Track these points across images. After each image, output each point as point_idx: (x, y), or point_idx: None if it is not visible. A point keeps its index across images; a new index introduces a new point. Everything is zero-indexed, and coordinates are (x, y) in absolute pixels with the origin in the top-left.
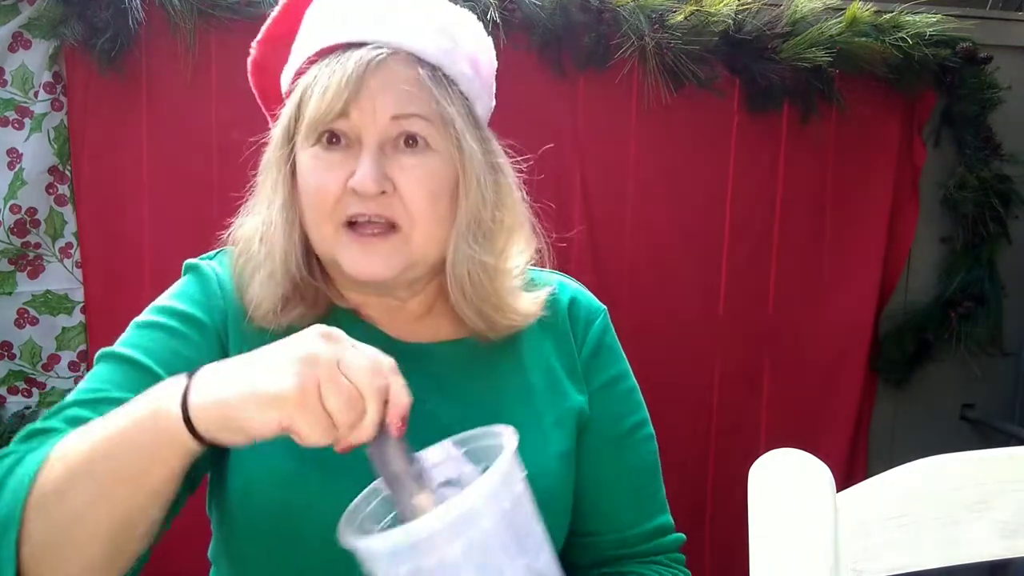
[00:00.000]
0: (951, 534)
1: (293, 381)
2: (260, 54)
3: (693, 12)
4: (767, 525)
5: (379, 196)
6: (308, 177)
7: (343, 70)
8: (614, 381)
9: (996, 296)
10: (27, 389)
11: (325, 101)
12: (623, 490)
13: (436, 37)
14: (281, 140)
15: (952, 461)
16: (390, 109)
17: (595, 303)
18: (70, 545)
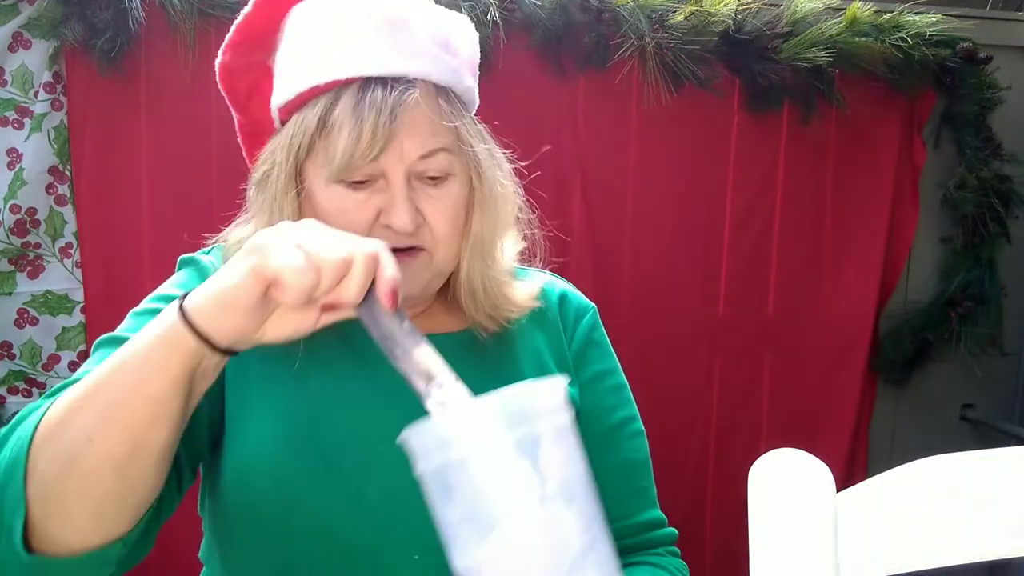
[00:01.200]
0: (951, 534)
1: (270, 234)
2: (229, 59)
3: (693, 12)
4: (767, 525)
5: (414, 231)
6: (334, 215)
7: (375, 116)
8: (603, 375)
9: (996, 296)
10: (27, 389)
11: (359, 150)
12: (612, 482)
13: (445, 57)
14: (289, 170)
15: (952, 461)
16: (417, 150)
17: (584, 300)
18: (77, 474)
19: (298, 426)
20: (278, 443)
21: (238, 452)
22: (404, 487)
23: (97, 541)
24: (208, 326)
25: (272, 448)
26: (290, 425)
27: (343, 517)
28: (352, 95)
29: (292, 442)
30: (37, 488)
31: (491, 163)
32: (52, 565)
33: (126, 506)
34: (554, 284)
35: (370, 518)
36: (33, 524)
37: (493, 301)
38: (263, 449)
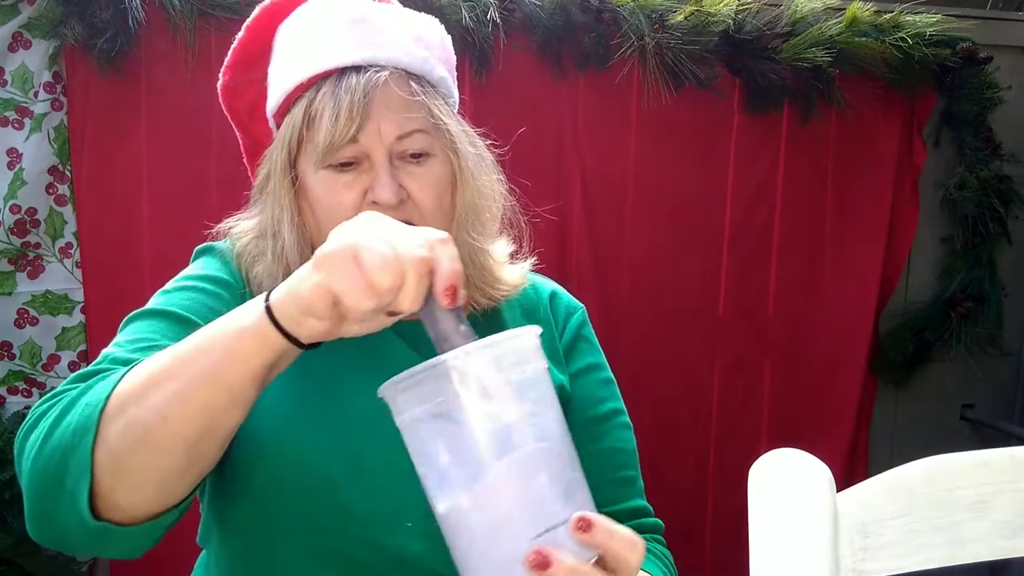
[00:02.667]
0: (951, 534)
1: (333, 246)
2: (230, 79)
3: (693, 12)
4: (767, 525)
5: (397, 205)
6: (323, 199)
7: (350, 97)
8: (592, 369)
9: (996, 296)
10: (27, 389)
11: (337, 130)
12: (600, 470)
13: (416, 48)
14: (284, 161)
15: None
16: (395, 130)
17: (574, 300)
18: (149, 448)
19: (305, 393)
20: (286, 406)
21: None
22: (402, 456)
23: (158, 509)
24: (293, 326)
25: (280, 410)
26: (297, 392)
27: (342, 481)
28: (331, 84)
29: (299, 407)
30: (106, 457)
31: (465, 139)
32: (114, 532)
33: (189, 478)
34: (545, 282)
35: (367, 483)
36: (99, 491)
37: (482, 274)
38: (272, 411)
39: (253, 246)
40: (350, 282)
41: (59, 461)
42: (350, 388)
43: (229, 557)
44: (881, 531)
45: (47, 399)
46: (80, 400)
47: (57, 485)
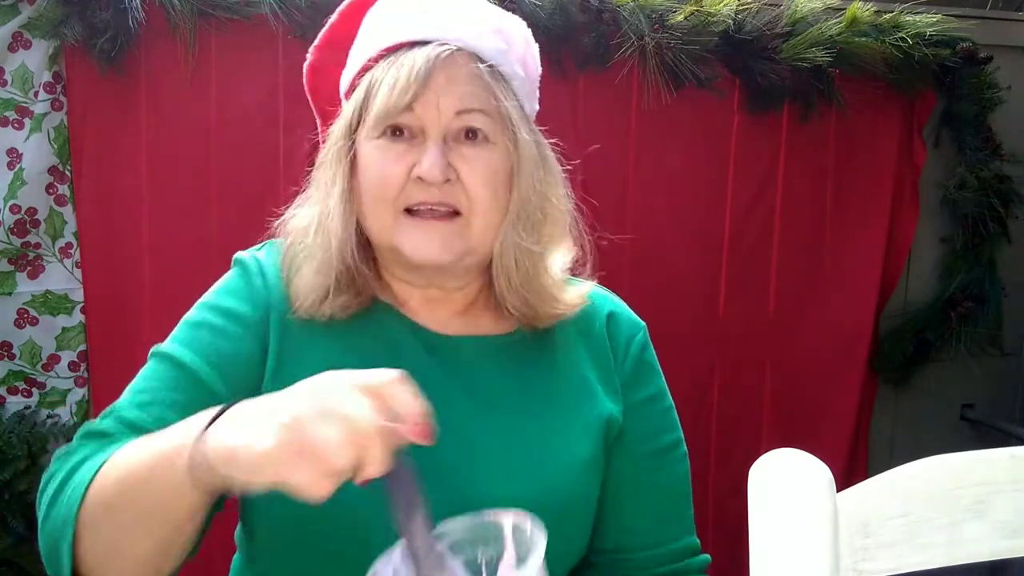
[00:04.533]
0: (951, 534)
1: (276, 439)
2: (316, 58)
3: (693, 12)
4: (767, 525)
5: (443, 184)
6: (372, 166)
7: (411, 65)
8: (653, 399)
9: (996, 296)
10: (27, 389)
11: (393, 96)
12: (653, 508)
13: (493, 37)
14: (342, 133)
15: (952, 461)
16: (455, 105)
17: (635, 318)
18: (120, 552)
19: None
20: None
21: None
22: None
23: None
24: (232, 476)
25: None
26: None
27: (362, 505)
28: (396, 55)
29: None
30: (86, 552)
31: (528, 132)
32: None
33: (170, 561)
34: (605, 298)
35: None
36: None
37: (529, 282)
38: None
39: (300, 246)
40: (306, 474)
41: (52, 543)
42: None
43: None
44: (881, 531)
45: (60, 456)
46: (73, 479)
47: (55, 558)
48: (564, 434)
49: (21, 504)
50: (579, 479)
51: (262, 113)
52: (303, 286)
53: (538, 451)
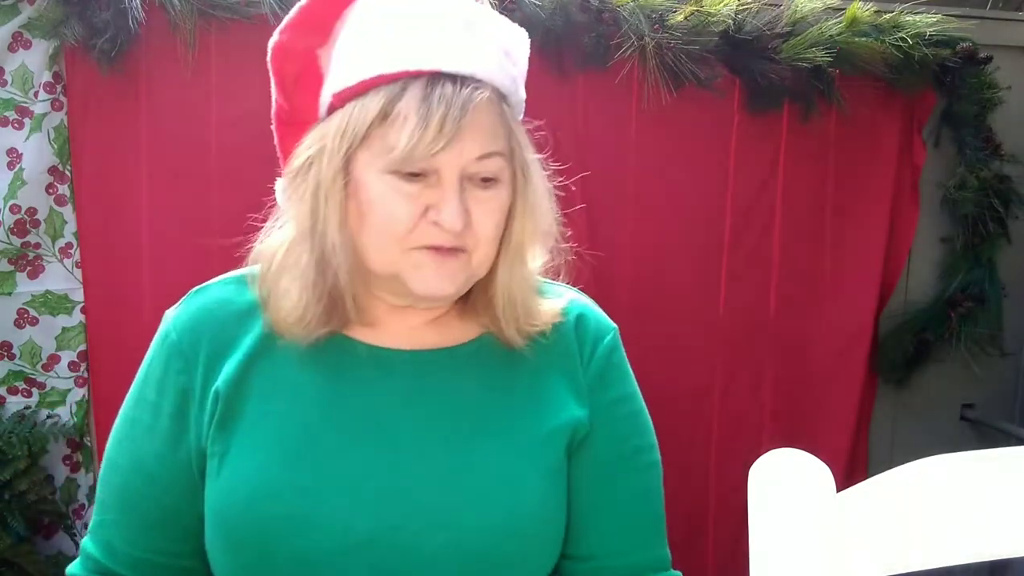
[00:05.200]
0: (951, 534)
1: None
2: (288, 38)
3: (693, 12)
4: (767, 525)
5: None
6: (381, 203)
7: (444, 110)
8: (620, 401)
9: (996, 296)
10: (27, 389)
11: (424, 142)
12: (619, 515)
13: (507, 65)
14: (340, 152)
15: (952, 461)
16: (477, 151)
17: (605, 320)
18: None
19: (279, 466)
20: (256, 485)
21: (217, 498)
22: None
23: None
24: None
25: (250, 489)
26: (270, 466)
27: (327, 558)
28: (421, 87)
29: (272, 483)
30: None
31: (539, 174)
32: None
33: None
34: (576, 302)
35: (355, 559)
36: None
37: (524, 312)
38: (241, 492)
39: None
40: None
41: None
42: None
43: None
44: (881, 531)
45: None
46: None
47: None
48: (525, 444)
49: (21, 504)
50: (542, 489)
51: (262, 113)
52: (283, 310)
53: (501, 471)
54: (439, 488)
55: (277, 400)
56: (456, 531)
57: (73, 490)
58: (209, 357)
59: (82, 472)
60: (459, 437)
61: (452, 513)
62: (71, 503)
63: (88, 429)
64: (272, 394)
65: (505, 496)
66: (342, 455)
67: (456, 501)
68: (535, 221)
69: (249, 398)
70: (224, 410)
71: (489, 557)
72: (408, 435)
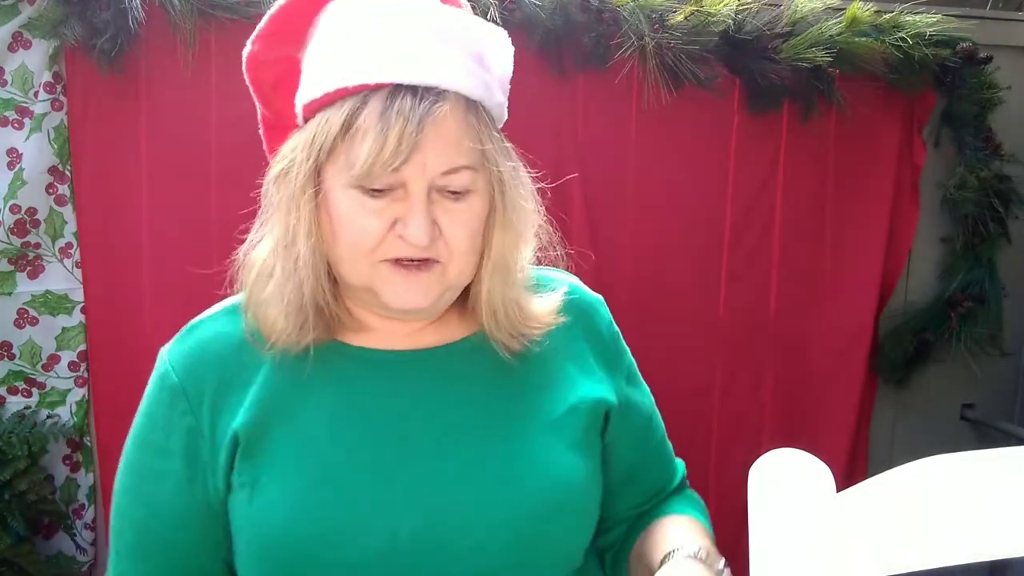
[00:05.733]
0: (951, 534)
1: None
2: (260, 49)
3: (693, 12)
4: (767, 525)
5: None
6: (347, 218)
7: (400, 126)
8: (629, 369)
9: (996, 296)
10: (27, 389)
11: (381, 159)
12: (654, 464)
13: (478, 70)
14: (308, 169)
15: (952, 461)
16: (442, 165)
17: (592, 296)
18: None
19: (313, 484)
20: (294, 506)
21: (254, 526)
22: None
23: None
24: None
25: (288, 511)
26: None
27: (372, 566)
28: (380, 100)
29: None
30: None
31: (515, 183)
32: None
33: None
34: (569, 287)
35: (399, 562)
36: None
37: (514, 321)
38: (280, 515)
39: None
40: None
41: None
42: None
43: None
44: (881, 531)
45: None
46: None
47: None
48: (548, 428)
49: (21, 504)
50: (572, 468)
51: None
52: (270, 320)
53: (527, 454)
54: (469, 481)
55: (298, 421)
56: (493, 520)
57: (73, 490)
58: (215, 395)
59: (82, 472)
60: (477, 428)
61: (486, 503)
62: (71, 503)
63: (88, 429)
64: (292, 416)
65: (535, 477)
66: (370, 463)
67: (488, 491)
68: (516, 231)
69: (270, 425)
70: (247, 443)
71: (528, 540)
72: (427, 433)
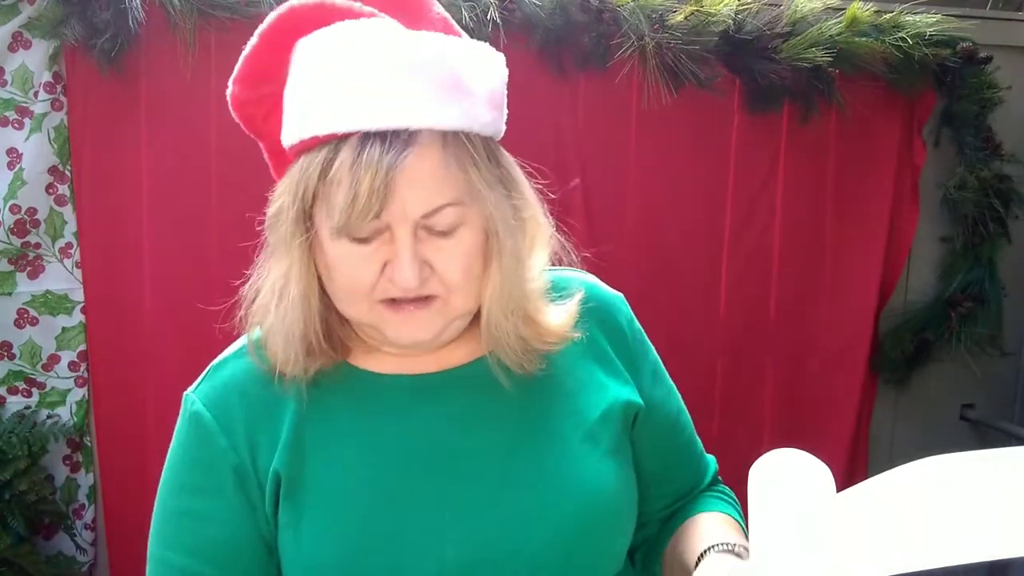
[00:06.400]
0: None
1: None
2: (239, 90)
3: (693, 12)
4: (767, 525)
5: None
6: (339, 268)
7: (370, 178)
8: (654, 368)
9: (996, 296)
10: (27, 389)
11: (355, 211)
12: (684, 461)
13: (454, 100)
14: (293, 210)
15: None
16: (421, 208)
17: (612, 295)
18: None
19: (358, 520)
20: (340, 544)
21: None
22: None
23: None
24: None
25: (336, 549)
26: (349, 521)
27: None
28: (350, 150)
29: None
30: None
31: (505, 212)
32: None
33: None
34: (586, 286)
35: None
36: None
37: (525, 345)
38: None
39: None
40: None
41: None
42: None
43: None
44: (880, 531)
45: None
46: None
47: None
48: (583, 438)
49: (21, 504)
50: (612, 476)
51: None
52: (279, 351)
53: (567, 467)
54: (510, 502)
55: (332, 456)
56: (537, 539)
57: (73, 490)
58: (248, 433)
59: (82, 472)
60: (512, 446)
61: (529, 523)
62: (71, 503)
63: (88, 429)
64: (326, 452)
65: (574, 492)
66: (409, 492)
67: (535, 506)
68: (515, 256)
69: (306, 463)
70: (288, 483)
71: (573, 555)
72: (462, 457)
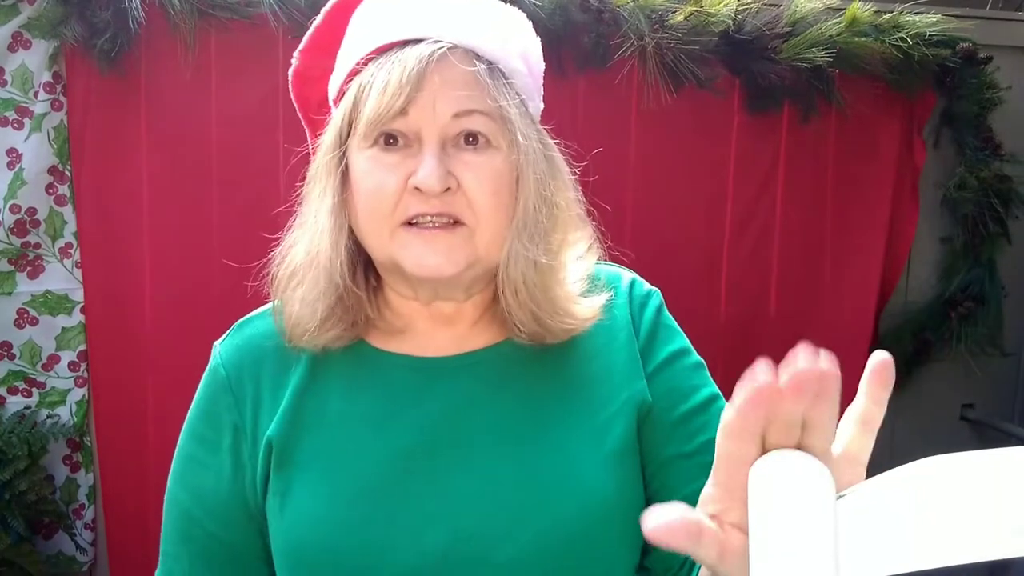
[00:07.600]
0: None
1: None
2: (303, 64)
3: (693, 12)
4: (767, 525)
5: (443, 194)
6: (365, 179)
7: (402, 66)
8: (677, 356)
9: (996, 296)
10: (27, 389)
11: (384, 99)
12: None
13: (491, 32)
14: (332, 144)
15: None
16: (452, 107)
17: (644, 288)
18: None
19: (345, 496)
20: (324, 519)
21: (284, 537)
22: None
23: None
24: None
25: (319, 524)
26: (335, 497)
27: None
28: (385, 57)
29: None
30: None
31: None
32: None
33: None
34: (621, 277)
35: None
36: None
37: (535, 297)
38: (310, 527)
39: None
40: None
41: None
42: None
43: None
44: (880, 531)
45: None
46: None
47: None
48: (590, 436)
49: (21, 504)
50: (614, 479)
51: (262, 113)
52: (295, 315)
53: (566, 465)
54: (505, 494)
55: (327, 430)
56: (530, 534)
57: (73, 490)
58: (256, 392)
59: (82, 472)
60: (511, 439)
61: (523, 518)
62: (71, 503)
63: (88, 429)
64: (324, 426)
65: (574, 491)
66: (402, 475)
67: (525, 504)
68: (539, 193)
69: (302, 435)
70: (280, 452)
71: (562, 559)
72: (458, 444)
